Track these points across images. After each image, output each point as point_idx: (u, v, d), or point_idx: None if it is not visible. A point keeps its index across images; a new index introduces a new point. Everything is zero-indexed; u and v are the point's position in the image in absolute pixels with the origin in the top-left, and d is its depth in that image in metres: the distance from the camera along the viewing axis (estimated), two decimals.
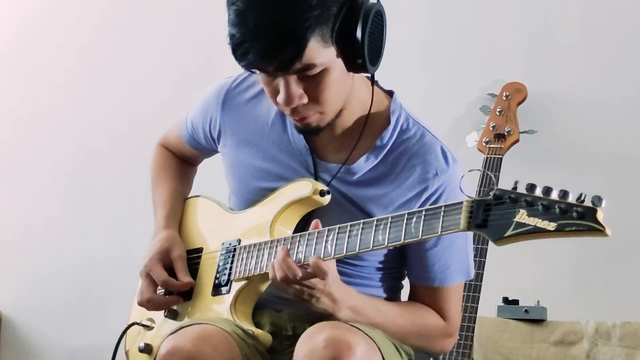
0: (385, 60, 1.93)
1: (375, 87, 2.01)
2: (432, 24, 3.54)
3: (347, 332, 1.78)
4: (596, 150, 3.33)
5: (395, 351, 1.93)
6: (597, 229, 1.49)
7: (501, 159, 3.15)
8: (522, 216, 1.56)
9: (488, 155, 3.15)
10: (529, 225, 1.56)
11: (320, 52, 1.82)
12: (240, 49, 1.81)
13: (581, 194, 1.51)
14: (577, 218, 1.50)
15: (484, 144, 3.18)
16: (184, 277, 2.10)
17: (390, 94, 2.06)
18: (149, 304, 2.12)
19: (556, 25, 3.42)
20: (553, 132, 3.34)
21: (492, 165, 3.12)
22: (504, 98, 3.26)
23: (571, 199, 1.53)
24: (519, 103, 3.26)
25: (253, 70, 1.88)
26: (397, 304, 2.07)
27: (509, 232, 1.58)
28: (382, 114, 2.02)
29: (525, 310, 3.15)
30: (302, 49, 1.79)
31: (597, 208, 1.50)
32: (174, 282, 2.10)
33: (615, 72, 3.35)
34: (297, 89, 1.85)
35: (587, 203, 1.51)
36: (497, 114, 3.23)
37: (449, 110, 3.43)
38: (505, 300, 3.19)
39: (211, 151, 2.26)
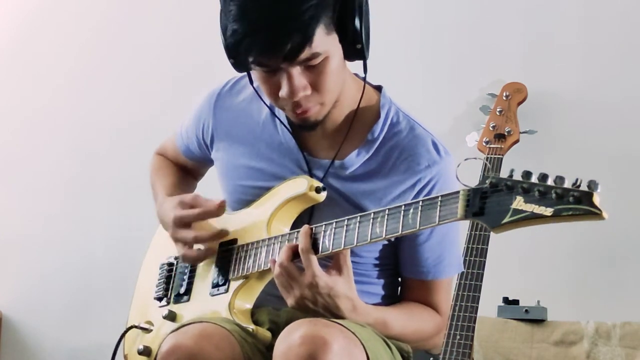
0: (386, 60, 1.95)
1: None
2: (432, 24, 3.54)
3: (323, 328, 1.76)
4: (596, 150, 3.32)
5: (383, 346, 1.91)
6: (594, 213, 1.50)
7: (501, 159, 3.14)
8: (519, 203, 1.57)
9: (488, 155, 3.15)
10: (526, 211, 1.56)
11: (325, 40, 1.84)
12: (244, 44, 1.82)
13: (577, 179, 1.53)
14: (574, 202, 1.51)
15: (484, 144, 3.17)
16: (211, 203, 2.05)
17: (378, 89, 2.07)
18: (191, 257, 2.08)
19: (556, 25, 3.42)
20: (553, 132, 3.34)
21: (492, 166, 3.12)
22: (504, 98, 3.25)
23: (567, 184, 1.54)
24: (519, 103, 3.26)
25: (252, 66, 1.88)
26: (400, 311, 2.04)
27: (506, 219, 1.58)
28: (372, 108, 2.03)
29: (526, 310, 3.14)
30: (309, 38, 1.81)
31: (594, 192, 1.51)
32: (203, 234, 2.05)
33: (615, 72, 3.35)
34: (301, 80, 1.86)
35: (584, 188, 1.53)
36: (497, 114, 3.22)
37: (449, 110, 3.43)
38: (505, 300, 3.19)
39: (206, 161, 2.25)
